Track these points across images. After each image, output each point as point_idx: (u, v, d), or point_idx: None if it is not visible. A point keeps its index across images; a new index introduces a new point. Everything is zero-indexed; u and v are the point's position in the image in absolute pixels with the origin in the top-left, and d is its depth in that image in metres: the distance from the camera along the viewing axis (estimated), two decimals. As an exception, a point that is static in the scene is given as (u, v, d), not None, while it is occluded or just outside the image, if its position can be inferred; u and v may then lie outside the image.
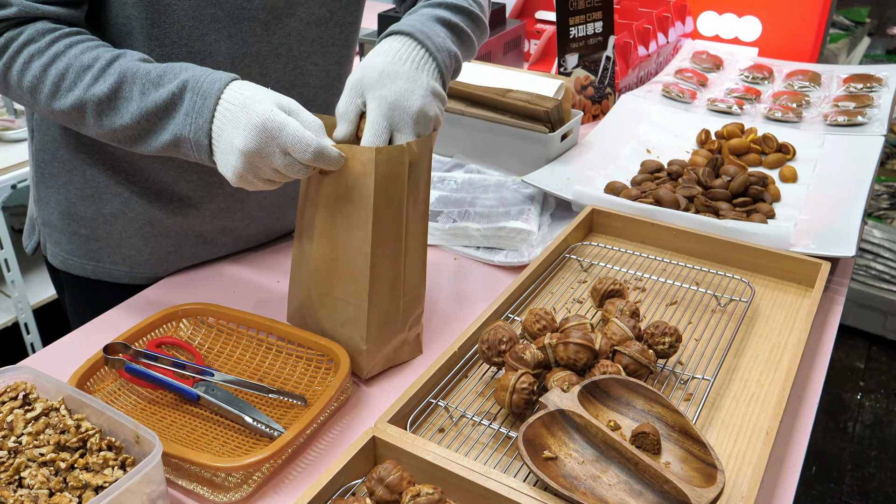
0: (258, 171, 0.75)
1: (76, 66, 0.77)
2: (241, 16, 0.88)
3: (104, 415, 0.72)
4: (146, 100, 0.76)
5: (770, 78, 1.78)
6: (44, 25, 0.78)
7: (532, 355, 0.80)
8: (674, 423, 0.74)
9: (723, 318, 0.96)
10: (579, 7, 1.49)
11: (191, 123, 0.75)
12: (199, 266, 1.09)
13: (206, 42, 0.87)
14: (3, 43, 0.78)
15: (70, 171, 0.97)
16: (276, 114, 0.73)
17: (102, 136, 0.81)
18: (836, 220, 1.14)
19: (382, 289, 0.82)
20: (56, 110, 0.79)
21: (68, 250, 1.02)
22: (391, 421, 0.75)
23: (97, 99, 0.77)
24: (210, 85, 0.75)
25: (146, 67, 0.78)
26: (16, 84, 0.79)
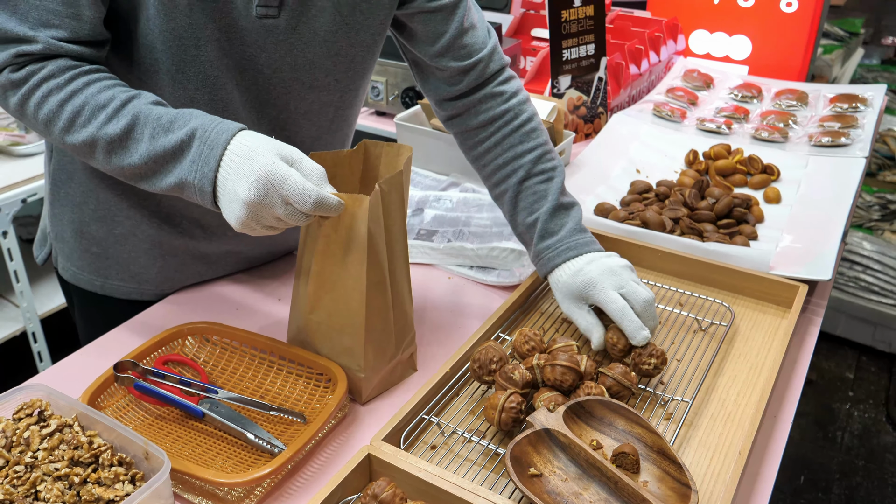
0: (261, 220, 0.79)
1: (92, 104, 0.81)
2: (247, 66, 0.93)
3: (115, 431, 0.76)
4: (156, 143, 0.80)
5: (759, 97, 1.83)
6: (65, 62, 0.82)
7: (521, 375, 0.85)
8: (652, 444, 0.79)
9: (704, 340, 1.01)
10: (572, 31, 1.54)
11: (197, 171, 0.79)
12: (202, 284, 1.13)
13: (226, 90, 0.93)
14: (24, 75, 0.82)
15: (85, 192, 1.01)
16: (278, 166, 0.76)
17: (110, 171, 0.85)
18: (816, 244, 1.18)
19: (376, 320, 0.87)
20: (68, 143, 0.84)
21: (79, 266, 1.07)
22: (386, 438, 0.79)
23: (109, 138, 0.81)
24: (217, 135, 0.79)
25: (158, 111, 0.82)
26: (32, 115, 0.84)
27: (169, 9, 0.85)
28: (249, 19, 0.89)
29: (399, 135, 1.50)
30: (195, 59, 0.89)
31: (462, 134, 1.08)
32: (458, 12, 1.01)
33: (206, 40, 0.89)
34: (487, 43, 1.04)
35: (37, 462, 0.74)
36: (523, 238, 1.05)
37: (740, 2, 1.96)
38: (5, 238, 1.72)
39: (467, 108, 1.05)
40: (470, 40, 1.02)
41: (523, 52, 1.97)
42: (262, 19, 0.90)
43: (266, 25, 0.91)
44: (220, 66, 0.91)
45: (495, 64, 1.05)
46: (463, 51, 1.02)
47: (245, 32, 0.90)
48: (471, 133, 1.06)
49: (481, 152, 1.06)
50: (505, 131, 1.04)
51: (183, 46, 0.88)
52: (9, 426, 0.77)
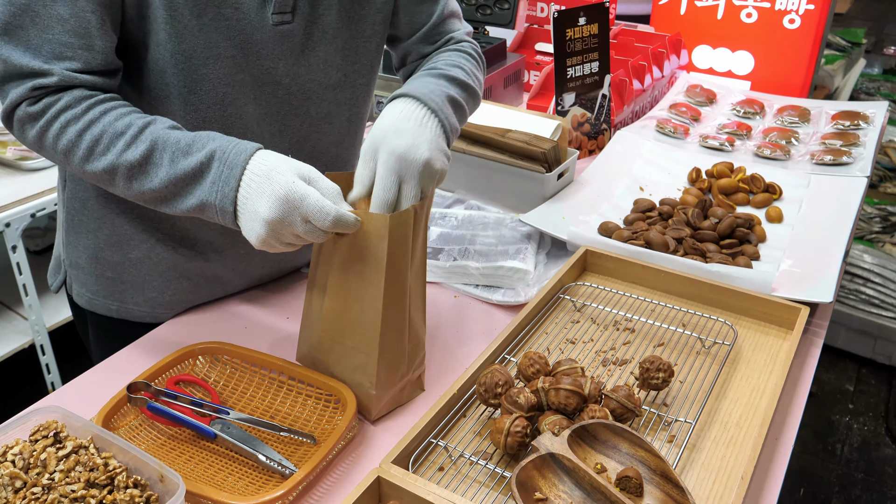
0: (280, 237, 0.81)
1: (110, 132, 0.83)
2: (266, 79, 0.95)
3: (130, 453, 0.78)
4: (175, 167, 0.83)
5: (761, 113, 1.85)
6: (81, 93, 0.84)
7: (526, 399, 0.86)
8: (655, 468, 0.80)
9: (706, 360, 1.02)
10: (576, 49, 1.56)
11: (217, 191, 0.82)
12: (211, 303, 1.15)
13: (236, 106, 0.95)
14: (42, 108, 0.84)
15: (99, 218, 1.03)
16: (297, 185, 0.79)
17: (130, 196, 0.87)
18: (817, 265, 1.20)
19: (391, 339, 0.88)
20: (88, 172, 0.85)
21: (94, 291, 1.08)
22: (394, 461, 0.81)
23: (129, 164, 0.83)
24: (236, 156, 0.82)
25: (176, 136, 0.84)
26: (50, 146, 0.85)
27: (179, 31, 0.87)
28: (265, 30, 0.91)
29: (405, 151, 1.51)
30: (205, 77, 0.91)
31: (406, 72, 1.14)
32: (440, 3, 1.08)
33: (216, 58, 0.90)
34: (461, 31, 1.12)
35: (54, 484, 0.76)
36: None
37: (743, 17, 1.97)
38: (14, 252, 1.74)
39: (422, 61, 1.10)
40: (448, 28, 1.10)
41: (527, 66, 1.99)
42: (278, 26, 0.92)
43: (282, 32, 0.93)
44: (232, 83, 0.93)
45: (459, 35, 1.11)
46: (438, 36, 1.09)
47: (260, 45, 0.92)
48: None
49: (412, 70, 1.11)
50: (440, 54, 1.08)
51: (193, 67, 0.90)
52: (26, 448, 0.78)
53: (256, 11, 0.90)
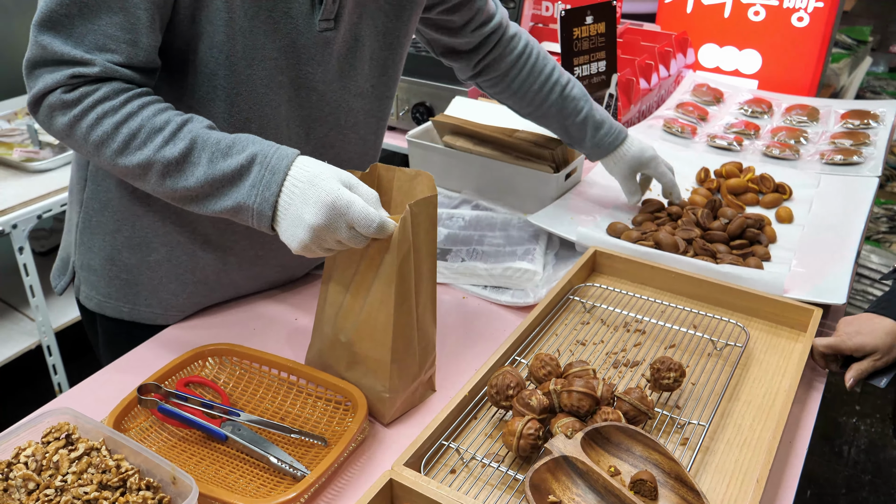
0: (322, 243, 0.81)
1: (148, 127, 0.82)
2: (301, 83, 0.96)
3: (141, 455, 0.78)
4: (214, 167, 0.82)
5: (769, 112, 1.84)
6: (119, 85, 0.83)
7: (538, 401, 0.86)
8: (670, 471, 0.80)
9: (718, 362, 1.02)
10: (584, 48, 1.55)
11: (257, 195, 0.81)
12: (219, 305, 1.14)
13: (272, 107, 0.95)
14: (78, 96, 0.82)
15: (119, 220, 1.02)
16: (343, 192, 0.80)
17: (159, 192, 0.86)
18: (829, 266, 1.19)
19: (402, 343, 0.88)
20: (119, 165, 0.84)
21: (105, 293, 1.07)
22: (406, 463, 0.80)
23: (166, 161, 0.82)
24: (279, 161, 0.82)
25: (216, 136, 0.84)
26: (82, 137, 0.84)
27: (234, 33, 0.88)
28: (310, 35, 0.93)
29: (411, 151, 1.51)
30: (250, 79, 0.92)
31: (491, 80, 1.26)
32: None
33: (261, 60, 0.91)
34: (490, 2, 1.20)
35: (66, 485, 0.75)
36: (574, 136, 1.29)
37: (751, 16, 1.97)
38: (21, 254, 1.73)
39: (494, 59, 1.23)
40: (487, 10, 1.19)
41: (534, 66, 1.98)
42: (323, 32, 0.94)
43: (325, 38, 0.95)
44: (271, 85, 0.94)
45: (500, 16, 1.22)
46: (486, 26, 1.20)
47: (303, 49, 0.94)
48: (501, 76, 1.25)
49: (517, 87, 1.25)
50: (530, 63, 1.24)
51: (241, 69, 0.91)
52: (38, 450, 0.78)
53: (305, 17, 0.91)
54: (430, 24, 1.18)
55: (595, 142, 1.28)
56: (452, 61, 1.26)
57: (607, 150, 1.29)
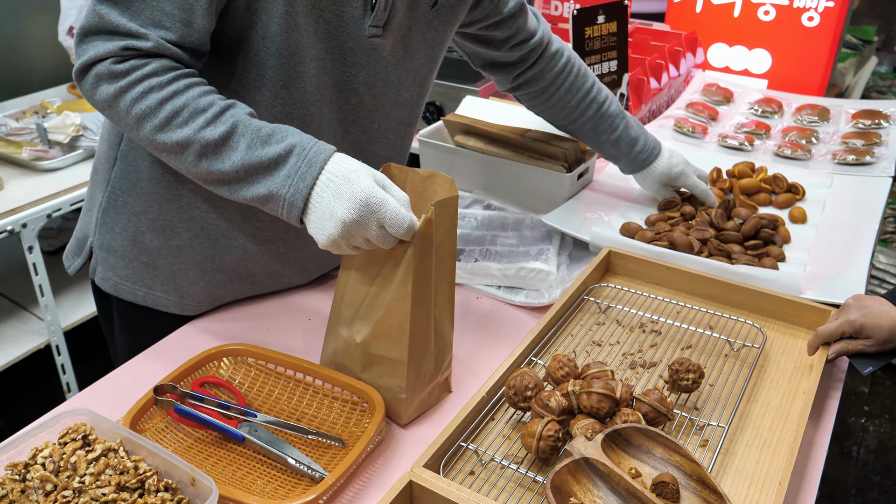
0: (351, 240, 0.81)
1: (192, 106, 0.83)
2: (344, 86, 0.97)
3: (159, 456, 0.77)
4: (251, 154, 0.82)
5: (779, 112, 1.83)
6: (168, 63, 0.84)
7: (557, 402, 0.85)
8: (692, 473, 0.79)
9: (735, 364, 1.01)
10: (595, 47, 1.54)
11: (291, 185, 0.82)
12: (232, 305, 1.14)
13: (317, 106, 0.96)
14: (127, 68, 0.82)
15: (147, 202, 1.01)
16: (377, 190, 0.80)
17: (192, 173, 0.86)
18: (844, 267, 1.19)
19: (419, 343, 0.88)
20: (158, 141, 0.84)
21: (122, 275, 1.07)
22: (425, 465, 0.80)
23: (206, 142, 0.82)
24: (316, 154, 0.82)
25: (257, 123, 0.84)
26: (125, 108, 0.83)
27: (290, 26, 0.88)
28: (359, 39, 0.94)
29: (422, 151, 1.51)
30: (299, 75, 0.92)
31: (530, 94, 1.28)
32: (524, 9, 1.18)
33: (311, 58, 0.92)
34: (532, 17, 1.21)
35: (84, 487, 0.75)
36: (608, 152, 1.32)
37: (761, 15, 1.96)
38: (31, 253, 1.73)
39: (535, 75, 1.24)
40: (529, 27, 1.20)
41: (543, 65, 1.97)
42: (371, 38, 0.95)
43: (372, 45, 0.96)
44: (317, 85, 0.95)
45: (542, 31, 1.22)
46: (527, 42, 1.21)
47: (349, 52, 0.95)
48: (540, 91, 1.26)
49: (554, 102, 1.27)
50: (570, 80, 1.26)
51: (292, 63, 0.91)
52: (55, 451, 0.78)
53: (355, 21, 0.93)
54: (471, 38, 1.19)
55: (630, 159, 1.31)
56: (492, 74, 1.27)
57: (641, 166, 1.32)
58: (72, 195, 1.80)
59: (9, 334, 1.89)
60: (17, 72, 2.27)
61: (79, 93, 2.26)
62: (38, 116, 2.05)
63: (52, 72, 2.37)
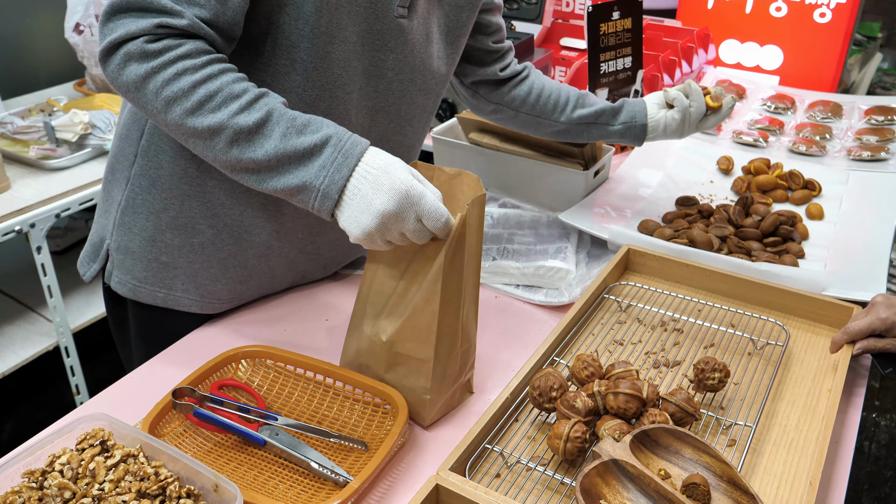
0: (386, 233, 0.80)
1: (226, 91, 0.80)
2: (372, 72, 0.96)
3: (180, 462, 0.76)
4: (286, 142, 0.80)
5: (792, 108, 1.82)
6: (202, 45, 0.81)
7: (583, 403, 0.84)
8: (722, 473, 0.78)
9: (760, 362, 1.00)
10: (610, 44, 1.53)
11: (326, 176, 0.80)
12: (247, 306, 1.12)
13: (346, 90, 0.95)
14: (161, 48, 0.79)
15: (167, 199, 0.99)
16: (416, 183, 0.79)
17: (221, 161, 0.83)
18: (864, 263, 1.17)
19: (446, 343, 0.86)
20: (187, 126, 0.81)
21: (141, 278, 1.04)
22: (451, 468, 0.79)
23: (239, 128, 0.80)
24: (353, 146, 0.81)
25: (292, 113, 0.82)
26: (154, 90, 0.80)
27: (322, 6, 0.87)
28: (387, 20, 0.93)
29: (436, 149, 1.49)
30: (329, 56, 0.91)
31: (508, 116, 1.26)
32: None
33: (342, 41, 0.91)
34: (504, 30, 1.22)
35: (104, 494, 0.73)
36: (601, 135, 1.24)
37: (773, 11, 1.95)
38: (39, 254, 1.71)
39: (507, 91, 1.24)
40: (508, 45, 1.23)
41: (553, 61, 1.96)
42: (398, 19, 0.94)
43: (400, 26, 0.95)
44: (347, 69, 0.94)
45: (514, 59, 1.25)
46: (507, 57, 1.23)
47: (378, 34, 0.94)
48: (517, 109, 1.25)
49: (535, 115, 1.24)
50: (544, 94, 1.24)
51: (323, 44, 0.89)
52: (73, 457, 0.76)
53: (384, 1, 0.92)
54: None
55: (623, 131, 1.23)
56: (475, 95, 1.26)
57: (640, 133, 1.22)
58: (80, 194, 1.79)
59: (17, 336, 1.88)
60: (24, 69, 2.25)
61: (86, 90, 2.25)
62: (44, 114, 2.03)
63: (58, 69, 2.34)
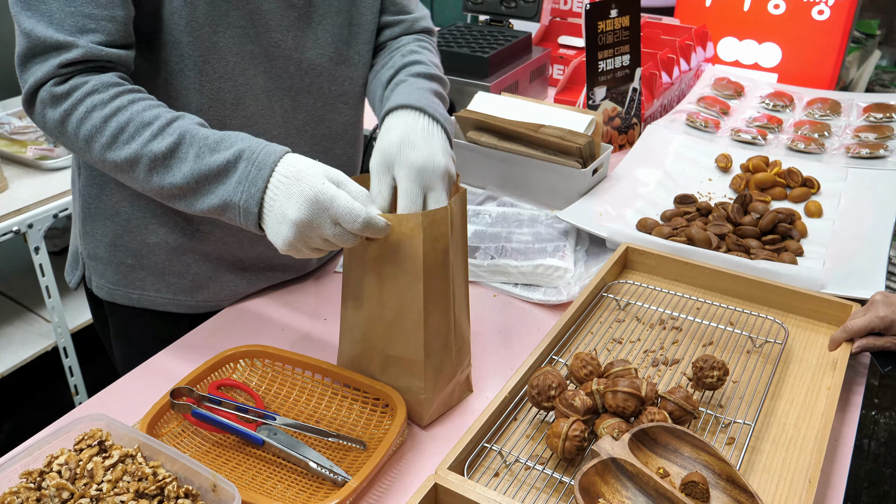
0: (308, 241, 0.78)
1: (137, 121, 0.81)
2: (276, 53, 0.95)
3: (178, 462, 0.76)
4: (200, 163, 0.80)
5: (791, 106, 1.82)
6: (109, 78, 0.82)
7: (582, 402, 0.84)
8: (721, 472, 0.78)
9: (759, 360, 1.00)
10: (608, 42, 1.53)
11: (243, 192, 0.79)
12: (244, 303, 1.12)
13: (247, 76, 0.94)
14: (68, 89, 0.81)
15: (117, 202, 1.01)
16: (327, 186, 0.76)
17: (148, 190, 0.84)
18: (863, 261, 1.17)
19: (436, 341, 0.86)
20: (108, 160, 0.82)
21: (114, 281, 1.06)
22: (450, 467, 0.78)
23: (153, 155, 0.81)
24: (265, 157, 0.79)
25: (204, 132, 0.82)
26: (72, 131, 0.82)
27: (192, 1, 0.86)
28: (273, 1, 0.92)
29: (434, 148, 1.49)
30: (217, 46, 0.90)
31: None
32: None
33: (226, 27, 0.90)
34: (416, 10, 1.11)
35: (102, 494, 0.73)
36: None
37: (771, 9, 1.94)
38: (37, 254, 1.71)
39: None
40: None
41: (551, 60, 1.96)
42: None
43: (288, 2, 0.93)
44: (242, 54, 0.93)
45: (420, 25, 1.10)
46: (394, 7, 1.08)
47: (269, 15, 0.92)
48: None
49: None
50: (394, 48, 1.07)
51: (205, 35, 0.89)
52: (71, 458, 0.76)
53: None
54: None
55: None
56: None
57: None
58: (74, 192, 1.79)
59: (15, 337, 1.88)
60: (18, 71, 2.24)
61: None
62: (41, 116, 2.03)
63: (54, 71, 2.34)
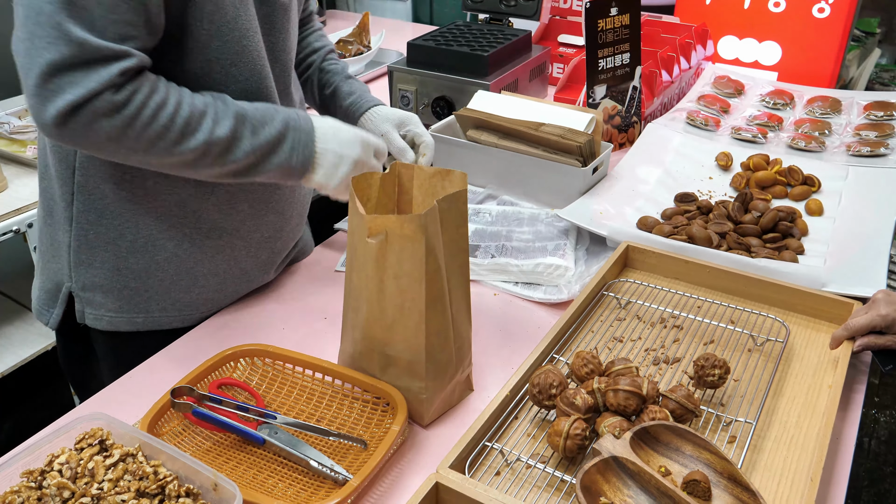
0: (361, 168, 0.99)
1: (197, 113, 0.86)
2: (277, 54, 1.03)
3: (179, 461, 0.76)
4: (256, 140, 0.91)
5: (791, 104, 1.81)
6: (155, 77, 0.84)
7: (583, 400, 0.83)
8: (722, 470, 0.78)
9: (760, 359, 1.00)
10: (608, 40, 1.53)
11: (297, 155, 0.94)
12: (245, 306, 1.12)
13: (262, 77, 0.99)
14: (127, 96, 0.80)
15: (121, 225, 0.98)
16: (360, 129, 1.01)
17: (211, 175, 0.91)
18: (864, 259, 1.17)
19: (437, 341, 0.86)
20: (175, 156, 0.86)
21: (115, 308, 1.03)
22: (451, 466, 0.78)
23: (219, 140, 0.87)
24: (304, 122, 0.96)
25: (245, 107, 0.91)
26: (133, 137, 0.82)
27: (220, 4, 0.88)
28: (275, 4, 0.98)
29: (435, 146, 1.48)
30: (245, 50, 0.94)
31: None
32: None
33: (253, 31, 0.94)
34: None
35: (103, 493, 0.73)
36: (329, 107, 1.25)
37: (771, 7, 1.94)
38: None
39: None
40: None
41: (551, 58, 1.95)
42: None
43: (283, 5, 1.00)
44: (261, 57, 0.97)
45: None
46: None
47: (274, 17, 0.99)
48: None
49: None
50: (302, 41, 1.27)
51: (235, 38, 0.92)
52: (72, 457, 0.76)
53: None
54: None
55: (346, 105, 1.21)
56: None
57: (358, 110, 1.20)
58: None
59: (15, 337, 1.87)
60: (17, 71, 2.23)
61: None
62: (41, 116, 2.02)
63: (54, 71, 2.33)
